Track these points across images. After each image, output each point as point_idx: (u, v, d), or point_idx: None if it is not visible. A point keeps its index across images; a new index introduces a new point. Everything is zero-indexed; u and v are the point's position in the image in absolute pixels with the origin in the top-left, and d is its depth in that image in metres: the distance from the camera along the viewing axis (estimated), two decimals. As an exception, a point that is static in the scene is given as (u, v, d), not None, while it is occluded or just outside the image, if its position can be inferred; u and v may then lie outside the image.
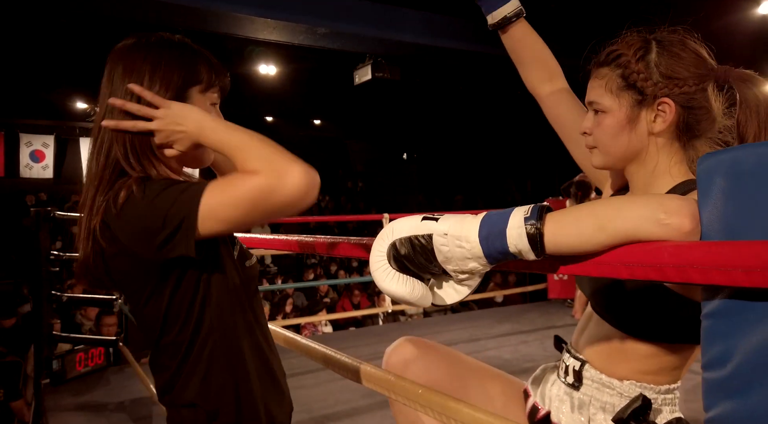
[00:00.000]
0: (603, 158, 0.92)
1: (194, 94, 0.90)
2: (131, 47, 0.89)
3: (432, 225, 0.66)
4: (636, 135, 0.88)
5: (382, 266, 0.69)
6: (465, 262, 0.65)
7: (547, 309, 5.48)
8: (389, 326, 5.95)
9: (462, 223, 0.65)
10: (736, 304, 0.49)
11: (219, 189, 0.78)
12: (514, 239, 0.61)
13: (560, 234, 0.60)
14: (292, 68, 7.88)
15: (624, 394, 0.88)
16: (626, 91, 0.87)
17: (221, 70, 0.93)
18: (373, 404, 3.00)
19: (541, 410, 0.98)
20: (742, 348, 0.49)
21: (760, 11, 5.51)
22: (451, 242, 0.65)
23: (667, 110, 0.85)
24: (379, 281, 0.69)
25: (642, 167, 0.90)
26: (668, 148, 0.88)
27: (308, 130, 12.94)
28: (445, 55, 6.23)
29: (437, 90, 9.28)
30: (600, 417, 0.89)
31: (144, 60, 0.87)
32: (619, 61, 0.88)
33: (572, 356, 0.96)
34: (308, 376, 3.67)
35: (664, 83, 0.84)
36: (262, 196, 0.76)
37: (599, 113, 0.90)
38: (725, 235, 0.49)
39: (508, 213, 0.63)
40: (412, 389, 0.94)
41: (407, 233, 0.67)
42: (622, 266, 0.58)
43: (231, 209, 0.77)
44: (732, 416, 0.50)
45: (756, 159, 0.47)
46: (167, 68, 0.87)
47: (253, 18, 4.95)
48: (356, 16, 5.32)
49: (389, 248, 0.68)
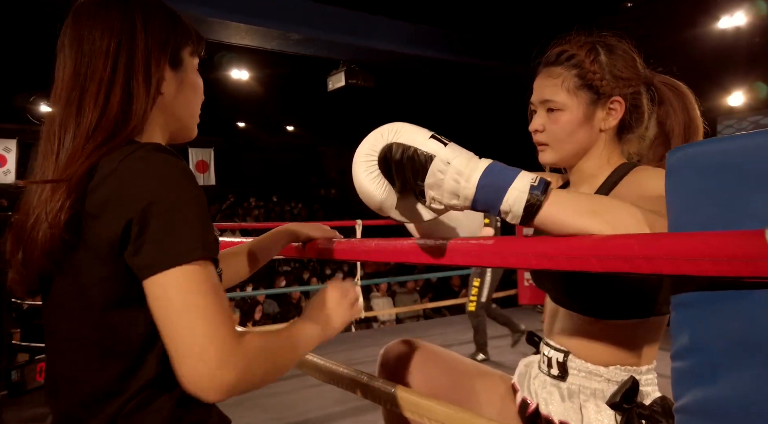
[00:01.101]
0: (555, 155, 0.96)
1: (186, 58, 0.79)
2: (105, 2, 0.73)
3: (438, 147, 0.65)
4: (590, 131, 0.93)
5: (367, 160, 0.67)
6: (451, 196, 0.65)
7: (517, 315, 5.53)
8: (362, 332, 5.93)
9: (468, 160, 0.64)
10: (704, 294, 0.50)
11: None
12: (512, 200, 0.62)
13: (556, 208, 0.63)
14: (266, 74, 7.84)
15: (611, 379, 0.90)
16: (582, 90, 0.92)
17: (200, 35, 0.83)
18: (346, 411, 2.98)
19: (531, 404, 0.99)
20: (710, 337, 0.50)
21: (719, 26, 5.74)
22: (449, 172, 0.64)
23: (617, 108, 0.92)
24: (358, 175, 0.68)
25: (588, 161, 0.96)
26: (611, 143, 0.95)
27: (281, 136, 12.86)
28: (419, 64, 6.29)
29: (410, 98, 9.34)
30: (591, 403, 0.90)
31: (126, 16, 0.72)
32: (572, 61, 0.92)
33: (553, 349, 0.97)
34: (282, 383, 3.62)
35: (616, 83, 0.91)
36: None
37: (554, 111, 0.93)
38: (694, 226, 0.50)
39: (515, 172, 0.63)
40: (410, 398, 0.92)
41: (409, 142, 0.66)
42: (594, 259, 0.59)
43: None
44: (701, 405, 0.51)
45: (722, 152, 0.48)
46: (159, 25, 0.75)
47: (226, 22, 4.91)
48: (330, 22, 5.32)
49: (384, 147, 0.67)
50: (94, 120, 0.70)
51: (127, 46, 0.72)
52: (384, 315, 7.06)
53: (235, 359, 0.62)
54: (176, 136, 0.82)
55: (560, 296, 0.97)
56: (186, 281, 0.62)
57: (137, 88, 0.72)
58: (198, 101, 0.83)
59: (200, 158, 12.17)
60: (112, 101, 0.71)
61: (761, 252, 0.43)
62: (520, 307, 5.81)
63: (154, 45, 0.74)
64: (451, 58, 6.14)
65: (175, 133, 0.81)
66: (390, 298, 7.51)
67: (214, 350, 0.61)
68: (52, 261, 0.68)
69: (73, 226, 0.66)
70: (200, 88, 0.83)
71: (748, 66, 6.22)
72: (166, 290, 0.62)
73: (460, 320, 5.74)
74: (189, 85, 0.80)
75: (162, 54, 0.75)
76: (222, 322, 0.63)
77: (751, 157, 0.46)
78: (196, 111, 0.83)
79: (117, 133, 0.70)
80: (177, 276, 0.62)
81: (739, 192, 0.47)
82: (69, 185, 0.66)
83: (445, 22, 5.95)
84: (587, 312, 0.92)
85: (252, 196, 12.49)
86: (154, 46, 0.74)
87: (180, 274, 0.62)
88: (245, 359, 0.63)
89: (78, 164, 0.67)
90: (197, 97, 0.82)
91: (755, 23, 5.63)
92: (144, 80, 0.73)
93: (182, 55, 0.79)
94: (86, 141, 0.69)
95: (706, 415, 0.50)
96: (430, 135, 0.66)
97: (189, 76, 0.80)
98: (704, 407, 0.50)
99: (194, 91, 0.82)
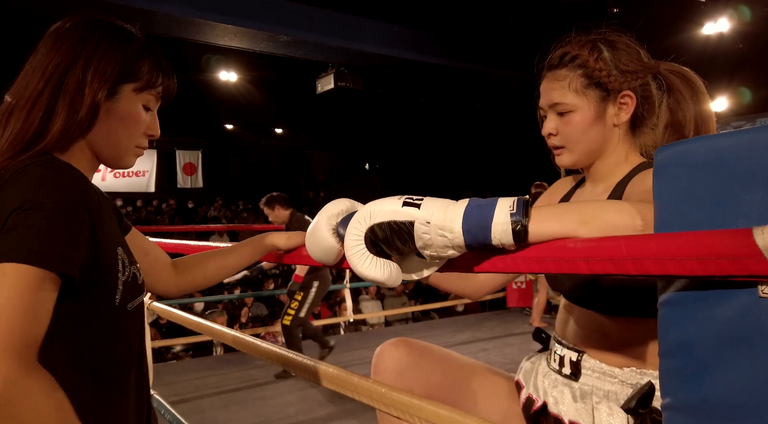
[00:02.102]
0: (572, 156, 0.96)
1: (125, 92, 0.81)
2: (74, 26, 0.79)
3: (413, 212, 0.66)
4: (604, 128, 0.94)
5: (359, 250, 0.69)
6: (444, 249, 0.66)
7: (505, 317, 5.56)
8: (350, 335, 5.92)
9: (445, 212, 0.65)
10: (690, 293, 0.51)
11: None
12: (499, 234, 0.62)
13: (543, 227, 0.62)
14: (254, 76, 7.80)
15: (625, 382, 0.89)
16: (591, 89, 0.92)
17: (168, 72, 0.86)
18: (333, 413, 2.97)
19: (537, 401, 0.97)
20: (696, 336, 0.50)
21: (703, 32, 5.82)
22: (433, 231, 0.65)
23: (629, 102, 0.92)
24: (356, 265, 0.70)
25: (606, 158, 0.96)
26: (626, 137, 0.95)
27: (270, 139, 12.80)
28: (407, 67, 6.30)
29: (399, 101, 9.36)
30: (603, 406, 0.89)
31: (80, 40, 0.77)
32: (576, 61, 0.92)
33: (566, 348, 0.96)
34: (269, 386, 3.59)
35: (623, 78, 0.91)
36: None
37: (566, 114, 0.94)
38: (681, 226, 0.51)
39: (492, 206, 0.63)
40: (403, 400, 0.91)
41: (386, 218, 0.67)
42: (581, 261, 0.59)
43: None
44: (687, 403, 0.51)
45: (711, 150, 0.48)
46: (109, 56, 0.78)
47: (214, 24, 4.88)
48: (319, 24, 5.32)
49: (367, 232, 0.68)
50: (15, 129, 0.74)
51: (64, 69, 0.76)
52: (373, 318, 7.05)
53: (23, 386, 0.58)
54: (105, 161, 0.84)
55: (577, 293, 0.95)
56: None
57: (60, 108, 0.76)
58: (126, 134, 0.83)
59: (188, 161, 12.08)
60: (33, 115, 0.75)
61: (747, 251, 0.43)
62: (508, 309, 5.83)
63: (93, 74, 0.77)
64: (440, 62, 6.16)
65: (103, 159, 0.83)
66: (379, 301, 7.50)
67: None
68: None
69: None
70: (133, 121, 0.83)
71: (732, 72, 6.32)
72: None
73: (448, 323, 5.75)
74: (118, 118, 0.81)
75: (97, 84, 0.77)
76: (17, 339, 0.59)
77: (740, 155, 0.46)
78: (123, 143, 0.83)
79: (30, 146, 0.74)
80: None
81: (727, 191, 0.47)
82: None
83: (434, 25, 5.98)
84: (604, 310, 0.91)
85: (240, 199, 12.42)
86: (93, 75, 0.77)
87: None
88: (30, 391, 0.58)
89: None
90: (126, 129, 0.83)
91: (738, 29, 5.73)
92: (69, 103, 0.76)
93: (121, 88, 0.80)
94: (6, 146, 0.73)
95: (693, 413, 0.51)
96: (402, 202, 0.67)
97: (121, 109, 0.81)
98: (692, 405, 0.51)
99: (123, 124, 0.82)
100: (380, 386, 0.96)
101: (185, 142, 11.93)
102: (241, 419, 2.91)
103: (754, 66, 6.29)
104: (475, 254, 0.69)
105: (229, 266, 1.07)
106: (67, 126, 0.76)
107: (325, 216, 0.80)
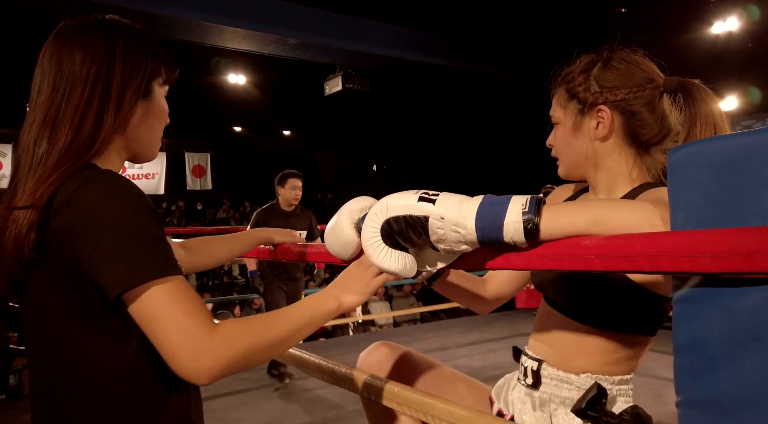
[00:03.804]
0: (562, 167, 1.00)
1: (156, 88, 0.83)
2: (89, 27, 0.78)
3: (429, 207, 0.68)
4: (583, 141, 0.94)
5: (375, 242, 0.72)
6: (458, 244, 0.68)
7: (514, 318, 5.55)
8: (359, 336, 5.93)
9: (459, 209, 0.67)
10: (705, 290, 0.51)
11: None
12: (511, 232, 0.64)
13: (555, 226, 0.64)
14: (262, 78, 7.84)
15: (581, 387, 0.90)
16: (570, 103, 0.95)
17: (175, 64, 0.87)
18: (344, 415, 2.97)
19: (507, 415, 0.99)
20: (710, 333, 0.51)
21: (713, 31, 5.79)
22: (447, 226, 0.67)
23: (605, 117, 0.92)
24: (372, 257, 0.72)
25: (600, 172, 0.95)
26: (623, 153, 0.93)
27: (277, 141, 12.85)
28: (414, 68, 6.31)
29: (406, 102, 9.37)
30: (561, 412, 0.91)
31: (108, 44, 0.77)
32: (567, 77, 0.96)
33: (530, 358, 0.98)
34: (280, 387, 3.61)
35: (600, 92, 0.92)
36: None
37: (556, 127, 0.98)
38: (695, 224, 0.51)
39: (506, 204, 0.65)
40: (388, 388, 0.94)
41: (402, 212, 0.69)
42: (595, 259, 0.60)
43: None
44: (701, 399, 0.52)
45: (724, 150, 0.49)
46: (138, 56, 0.79)
47: (222, 27, 4.91)
48: (327, 27, 5.34)
49: (383, 224, 0.70)
50: (67, 141, 0.74)
51: (105, 75, 0.77)
52: (381, 319, 7.06)
53: (210, 346, 0.67)
54: (134, 158, 0.86)
55: (555, 293, 0.97)
56: (149, 296, 0.68)
57: (108, 115, 0.77)
58: (160, 128, 0.87)
59: (197, 163, 12.15)
60: (84, 126, 0.75)
61: (761, 248, 0.44)
62: (517, 310, 5.81)
63: (130, 76, 0.79)
64: (447, 63, 6.17)
65: (133, 155, 0.85)
66: (387, 302, 7.50)
67: (187, 345, 0.67)
68: (22, 271, 0.73)
69: (39, 246, 0.71)
70: (165, 115, 0.87)
71: (741, 71, 6.28)
72: (140, 304, 0.68)
73: (456, 323, 5.74)
74: (154, 114, 0.84)
75: (136, 84, 0.79)
76: (189, 323, 0.68)
77: (753, 154, 0.47)
78: (158, 137, 0.87)
79: (83, 156, 0.75)
80: (140, 292, 0.68)
81: (741, 190, 0.48)
82: (34, 209, 0.71)
83: (441, 27, 5.98)
84: (578, 316, 0.92)
85: (247, 200, 12.47)
86: (130, 77, 0.79)
87: (142, 290, 0.68)
88: (222, 344, 0.68)
89: (44, 188, 0.71)
90: (160, 123, 0.86)
91: (748, 28, 5.69)
92: (115, 108, 0.77)
93: (153, 85, 0.83)
94: (57, 160, 0.73)
95: (707, 409, 0.51)
96: (418, 197, 0.69)
97: (156, 105, 0.84)
98: (705, 402, 0.51)
99: (158, 119, 0.85)
100: (394, 385, 0.97)
101: (194, 145, 12.00)
102: (253, 419, 2.93)
103: (763, 65, 6.25)
104: (490, 249, 0.70)
105: (234, 250, 1.21)
106: (115, 131, 0.78)
107: (347, 211, 0.82)
